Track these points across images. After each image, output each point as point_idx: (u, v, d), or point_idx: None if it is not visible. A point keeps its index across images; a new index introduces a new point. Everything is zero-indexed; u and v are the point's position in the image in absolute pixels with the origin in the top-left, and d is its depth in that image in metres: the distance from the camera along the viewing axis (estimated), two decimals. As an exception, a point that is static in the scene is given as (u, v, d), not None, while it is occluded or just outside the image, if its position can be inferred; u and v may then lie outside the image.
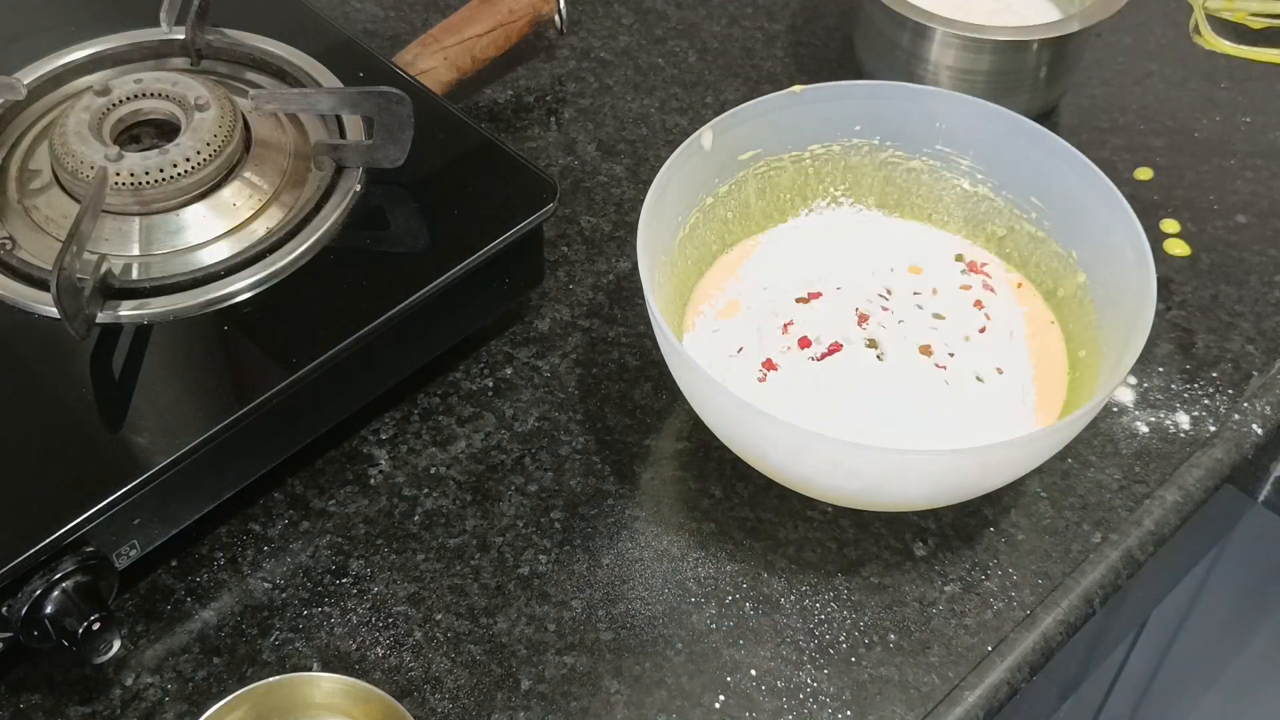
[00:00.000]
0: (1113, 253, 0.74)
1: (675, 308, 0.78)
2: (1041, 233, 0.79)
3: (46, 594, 0.63)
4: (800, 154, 0.82)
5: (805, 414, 0.72)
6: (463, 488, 0.76)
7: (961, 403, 0.74)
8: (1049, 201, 0.79)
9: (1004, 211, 0.81)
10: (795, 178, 0.83)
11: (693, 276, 0.80)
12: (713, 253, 0.82)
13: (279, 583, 0.72)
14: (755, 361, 0.75)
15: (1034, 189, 0.79)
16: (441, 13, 0.98)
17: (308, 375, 0.70)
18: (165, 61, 0.85)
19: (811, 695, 0.68)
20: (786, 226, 0.83)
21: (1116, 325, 0.73)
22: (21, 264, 0.73)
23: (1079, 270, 0.77)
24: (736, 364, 0.75)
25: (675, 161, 0.76)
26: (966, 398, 0.74)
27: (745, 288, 0.80)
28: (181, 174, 0.74)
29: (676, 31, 1.03)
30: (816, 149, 0.82)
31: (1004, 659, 0.70)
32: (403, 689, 0.68)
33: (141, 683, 0.68)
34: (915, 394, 0.74)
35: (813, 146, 0.82)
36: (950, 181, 0.82)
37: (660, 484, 0.77)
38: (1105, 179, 0.75)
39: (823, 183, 0.84)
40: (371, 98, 0.76)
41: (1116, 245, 0.74)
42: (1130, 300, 0.71)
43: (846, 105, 0.79)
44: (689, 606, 0.71)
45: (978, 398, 0.74)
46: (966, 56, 0.90)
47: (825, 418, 0.72)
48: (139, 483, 0.65)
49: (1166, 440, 0.79)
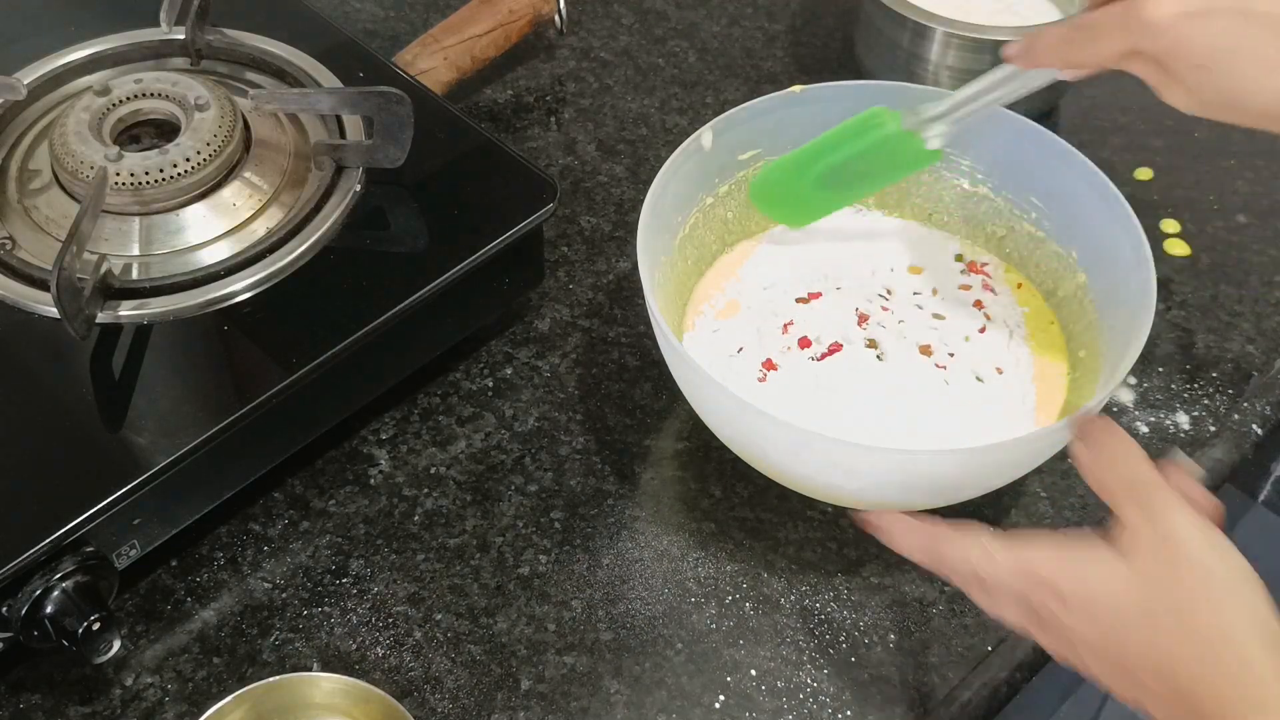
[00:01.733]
0: (1112, 253, 0.74)
1: (675, 308, 0.78)
2: (1041, 233, 0.79)
3: (46, 594, 0.63)
4: None
5: (805, 414, 0.72)
6: (463, 488, 0.76)
7: (961, 403, 0.74)
8: (1049, 201, 0.79)
9: (1004, 211, 0.81)
10: None
11: (693, 276, 0.80)
12: (713, 253, 0.82)
13: (279, 583, 0.72)
14: (755, 361, 0.75)
15: (1034, 189, 0.79)
16: (441, 13, 0.98)
17: (308, 375, 0.70)
18: (165, 61, 0.85)
19: (811, 695, 0.68)
20: (786, 227, 0.83)
21: (1116, 325, 0.72)
22: (21, 264, 0.73)
23: (1079, 270, 0.77)
24: (736, 364, 0.75)
25: (675, 161, 0.76)
26: (966, 398, 0.74)
27: (745, 288, 0.80)
28: (181, 174, 0.74)
29: (676, 31, 1.03)
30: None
31: (1004, 659, 0.70)
32: (403, 689, 0.68)
33: (141, 683, 0.68)
34: (915, 394, 0.74)
35: None
36: (950, 181, 0.82)
37: (660, 484, 0.77)
38: (1105, 179, 0.75)
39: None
40: (371, 98, 0.76)
41: (1116, 245, 0.74)
42: (1130, 300, 0.71)
43: (847, 106, 0.78)
44: (689, 606, 0.71)
45: (978, 398, 0.74)
46: (967, 57, 0.90)
47: (825, 418, 0.72)
48: (139, 483, 0.65)
49: (1166, 440, 0.79)
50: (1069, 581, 0.54)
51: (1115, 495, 0.55)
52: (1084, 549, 0.54)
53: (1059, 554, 0.54)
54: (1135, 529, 0.54)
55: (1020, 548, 0.56)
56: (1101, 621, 0.53)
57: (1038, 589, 0.55)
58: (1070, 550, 0.55)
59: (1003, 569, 0.56)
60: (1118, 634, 0.52)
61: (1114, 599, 0.53)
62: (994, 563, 0.56)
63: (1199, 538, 0.53)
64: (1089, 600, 0.53)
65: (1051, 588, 0.54)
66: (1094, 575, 0.53)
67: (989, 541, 0.57)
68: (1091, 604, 0.53)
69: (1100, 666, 0.54)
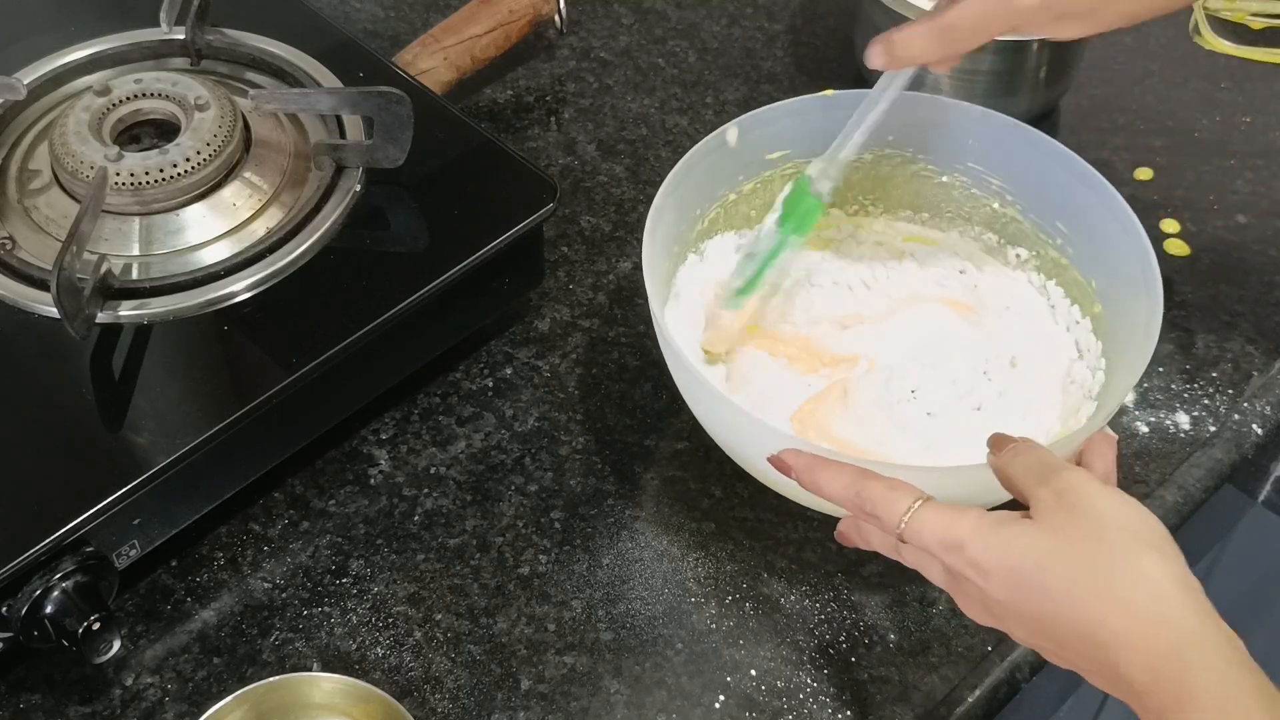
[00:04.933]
0: (1129, 286, 0.73)
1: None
2: (1065, 259, 0.79)
3: (46, 594, 0.63)
4: None
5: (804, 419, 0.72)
6: (463, 488, 0.76)
7: (960, 424, 0.73)
8: (1073, 228, 0.78)
9: (1030, 235, 0.80)
10: None
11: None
12: None
13: (279, 583, 0.72)
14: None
15: (1060, 214, 0.78)
16: (441, 13, 0.98)
17: (308, 375, 0.70)
18: (165, 61, 0.85)
19: (811, 695, 0.68)
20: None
21: (1121, 351, 0.72)
22: (21, 264, 0.73)
23: (1096, 301, 0.76)
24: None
25: (697, 153, 0.75)
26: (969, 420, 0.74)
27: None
28: (181, 174, 0.74)
29: (676, 31, 1.03)
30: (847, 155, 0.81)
31: (1004, 659, 0.70)
32: (403, 689, 0.68)
33: (141, 683, 0.68)
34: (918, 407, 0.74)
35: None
36: (980, 200, 0.81)
37: (660, 484, 0.77)
38: (1127, 209, 0.73)
39: (851, 190, 0.83)
40: (371, 98, 0.76)
41: (1129, 272, 0.73)
42: (1136, 332, 0.70)
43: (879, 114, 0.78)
44: (689, 606, 0.71)
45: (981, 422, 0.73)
46: (966, 57, 0.89)
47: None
48: (139, 483, 0.65)
49: (1166, 440, 0.79)
50: (989, 553, 0.55)
51: (1024, 483, 0.57)
52: (1003, 522, 0.55)
53: (979, 525, 0.55)
54: (1048, 504, 0.55)
55: (946, 517, 0.56)
56: (1024, 589, 0.54)
57: (957, 559, 0.56)
58: (991, 522, 0.55)
59: (927, 534, 0.57)
60: (1039, 598, 0.53)
61: (1033, 564, 0.53)
62: (920, 524, 0.57)
63: (1111, 500, 0.54)
64: (1010, 570, 0.54)
65: (970, 559, 0.55)
66: (1014, 545, 0.54)
67: (918, 506, 0.57)
68: (1013, 573, 0.54)
69: (1024, 632, 0.55)
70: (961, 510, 0.56)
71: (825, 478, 0.61)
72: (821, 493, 0.61)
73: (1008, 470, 0.58)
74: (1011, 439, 0.60)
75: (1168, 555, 0.52)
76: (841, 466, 0.61)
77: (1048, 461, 0.57)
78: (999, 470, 0.59)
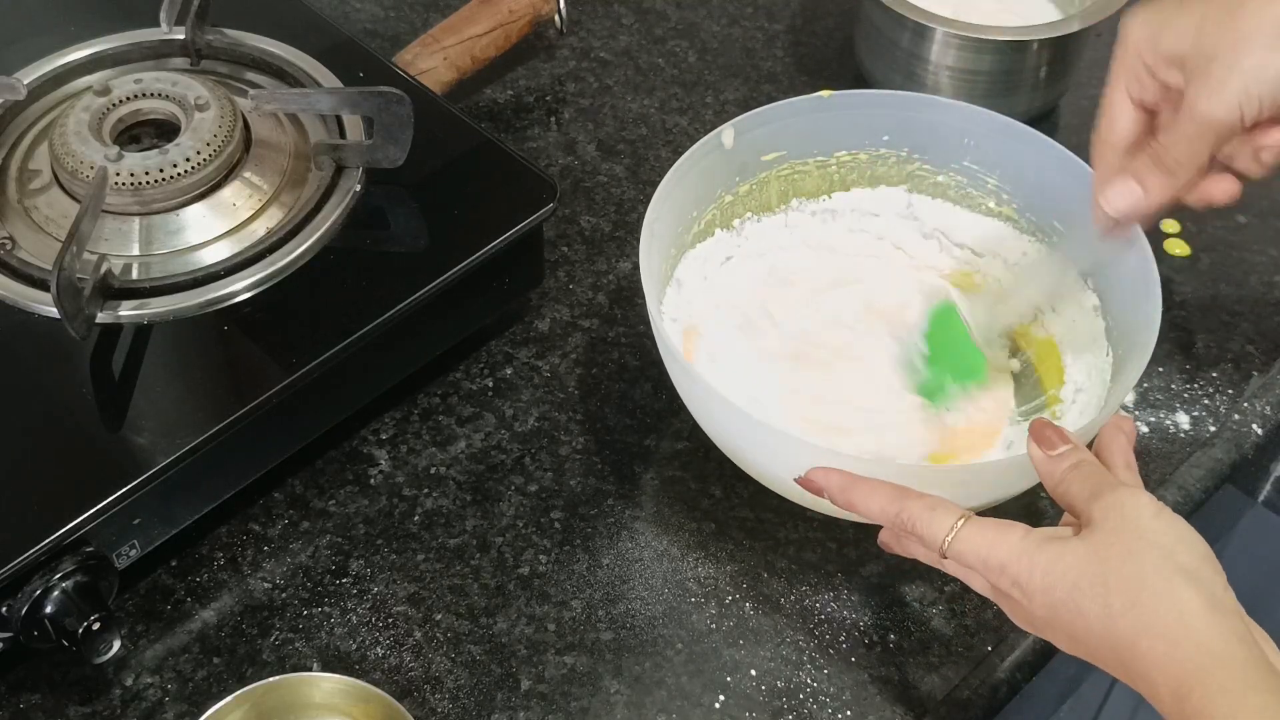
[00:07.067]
0: (1126, 285, 0.73)
1: None
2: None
3: (46, 594, 0.63)
4: (825, 160, 0.81)
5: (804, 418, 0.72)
6: (463, 488, 0.76)
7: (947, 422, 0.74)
8: (1071, 228, 0.77)
9: (1027, 234, 0.80)
10: (820, 183, 0.82)
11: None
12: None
13: (279, 583, 0.72)
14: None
15: (1057, 214, 0.78)
16: (441, 13, 0.98)
17: (308, 375, 0.70)
18: (165, 61, 0.85)
19: (811, 695, 0.68)
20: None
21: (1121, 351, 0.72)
22: (21, 264, 0.73)
23: (1097, 317, 0.76)
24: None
25: (693, 155, 0.75)
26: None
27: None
28: (181, 174, 0.74)
29: (676, 31, 1.03)
30: (843, 155, 0.81)
31: (1004, 659, 0.70)
32: (403, 689, 0.68)
33: (141, 683, 0.68)
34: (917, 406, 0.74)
35: (839, 153, 0.81)
36: (977, 199, 0.81)
37: (660, 484, 0.77)
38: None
39: (847, 187, 0.83)
40: (371, 98, 0.76)
41: (1129, 277, 0.73)
42: (1137, 332, 0.70)
43: (875, 114, 0.78)
44: (689, 606, 0.71)
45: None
46: (966, 57, 0.90)
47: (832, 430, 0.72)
48: (139, 483, 0.65)
49: (1166, 440, 0.79)
50: (1031, 575, 0.56)
51: (1078, 501, 0.58)
52: (1047, 542, 0.56)
53: (1023, 546, 0.56)
54: (1094, 521, 0.56)
55: (989, 536, 0.57)
56: (1062, 612, 0.55)
57: (1000, 579, 0.57)
58: (1034, 543, 0.56)
59: (970, 554, 0.58)
60: (1076, 619, 0.55)
61: (1071, 586, 0.55)
62: (963, 544, 0.58)
63: (1155, 520, 0.55)
64: (1049, 591, 0.55)
65: (1014, 580, 0.56)
66: (1055, 569, 0.55)
67: (960, 525, 0.58)
68: (1051, 594, 0.55)
69: (1065, 646, 0.57)
70: (1004, 529, 0.57)
71: (860, 497, 0.62)
72: (858, 511, 0.62)
73: (1063, 488, 0.59)
74: (1053, 428, 0.60)
75: (1201, 578, 0.53)
76: (876, 485, 0.61)
77: (1101, 479, 0.58)
78: (1054, 487, 0.60)
